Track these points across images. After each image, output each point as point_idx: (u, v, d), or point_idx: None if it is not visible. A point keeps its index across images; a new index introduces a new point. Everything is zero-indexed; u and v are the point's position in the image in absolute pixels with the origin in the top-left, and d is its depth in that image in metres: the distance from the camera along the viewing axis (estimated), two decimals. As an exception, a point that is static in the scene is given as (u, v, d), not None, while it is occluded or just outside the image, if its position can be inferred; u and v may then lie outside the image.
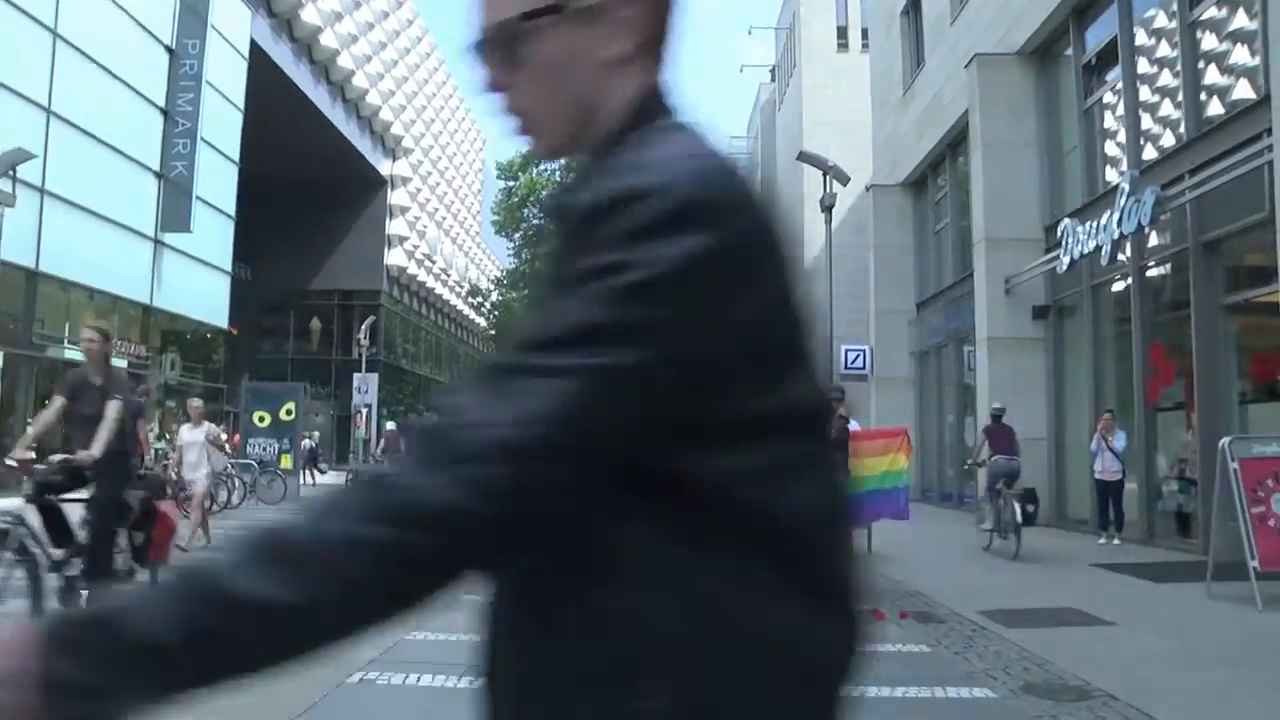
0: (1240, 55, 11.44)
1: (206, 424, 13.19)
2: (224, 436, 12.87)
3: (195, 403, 13.55)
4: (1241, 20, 11.40)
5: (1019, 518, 11.03)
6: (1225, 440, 8.45)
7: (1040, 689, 5.32)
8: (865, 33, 33.33)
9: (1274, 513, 7.92)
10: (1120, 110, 14.10)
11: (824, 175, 14.13)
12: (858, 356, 23.75)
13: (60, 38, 21.69)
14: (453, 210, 67.21)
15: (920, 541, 13.05)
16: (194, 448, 12.72)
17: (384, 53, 49.59)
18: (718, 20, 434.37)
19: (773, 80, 51.50)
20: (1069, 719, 4.73)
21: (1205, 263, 11.77)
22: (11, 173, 14.17)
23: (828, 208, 14.30)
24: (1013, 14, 16.63)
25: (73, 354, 23.49)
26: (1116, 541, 12.58)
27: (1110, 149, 14.80)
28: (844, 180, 14.19)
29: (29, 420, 21.22)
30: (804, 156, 14.89)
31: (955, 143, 19.93)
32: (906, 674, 5.65)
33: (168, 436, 23.59)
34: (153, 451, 18.22)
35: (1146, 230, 12.26)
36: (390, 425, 12.73)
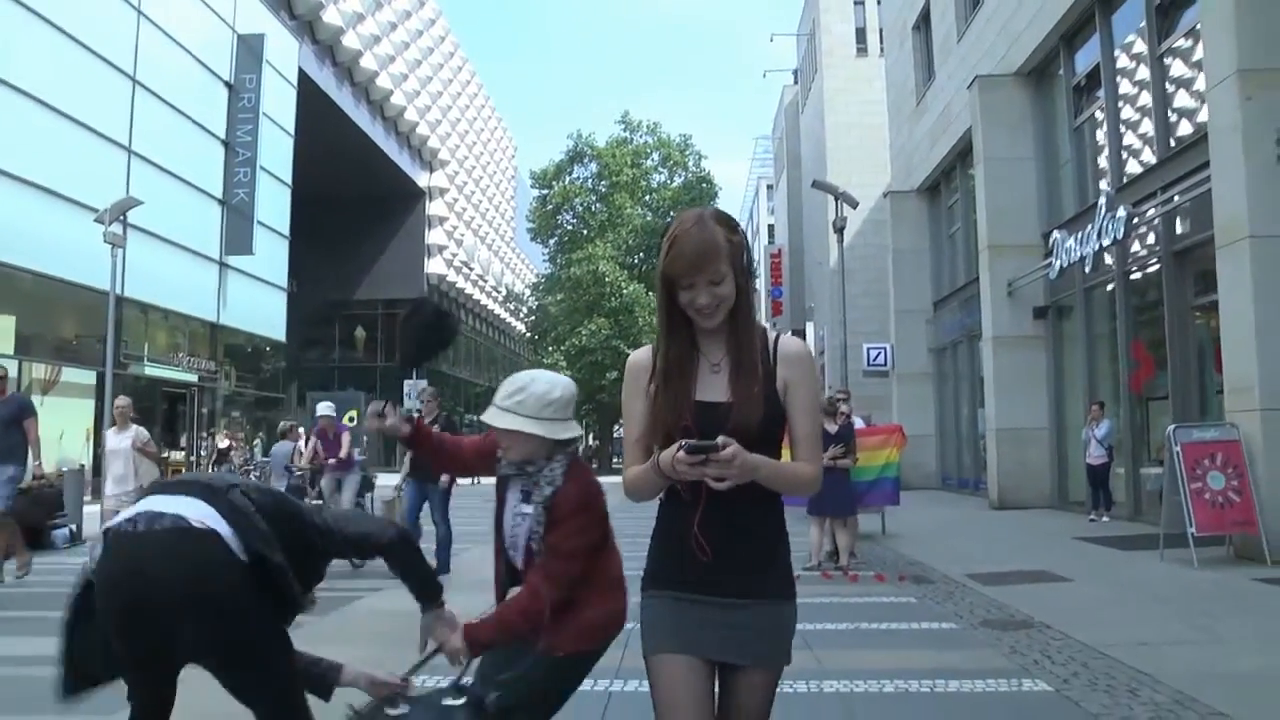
0: (1201, 84, 12.90)
1: (135, 428, 11.00)
2: (153, 442, 11.79)
3: (121, 401, 11.32)
4: (1200, 52, 12.87)
5: None
6: (1171, 427, 10.08)
7: (994, 623, 6.98)
8: (883, 35, 34.39)
9: (1210, 487, 9.50)
10: (1104, 129, 15.59)
11: (836, 199, 15.72)
12: (879, 354, 25.39)
13: (139, 84, 23.73)
14: (487, 218, 69.13)
15: (931, 522, 14.69)
16: (119, 457, 10.75)
17: (419, 70, 51.54)
18: (740, 28, 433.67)
19: (795, 83, 52.75)
20: (1010, 640, 6.37)
21: (1176, 269, 13.25)
22: (122, 218, 15.98)
23: (839, 230, 15.87)
24: (1011, 36, 18.08)
25: (153, 370, 25.60)
26: (1106, 519, 14.09)
27: (1099, 164, 16.26)
28: (854, 204, 15.80)
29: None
30: (817, 184, 16.48)
31: (964, 153, 21.29)
32: (890, 615, 7.38)
33: (231, 444, 25.47)
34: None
35: (1121, 243, 13.78)
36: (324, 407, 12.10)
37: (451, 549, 9.83)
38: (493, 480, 2.91)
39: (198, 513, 2.51)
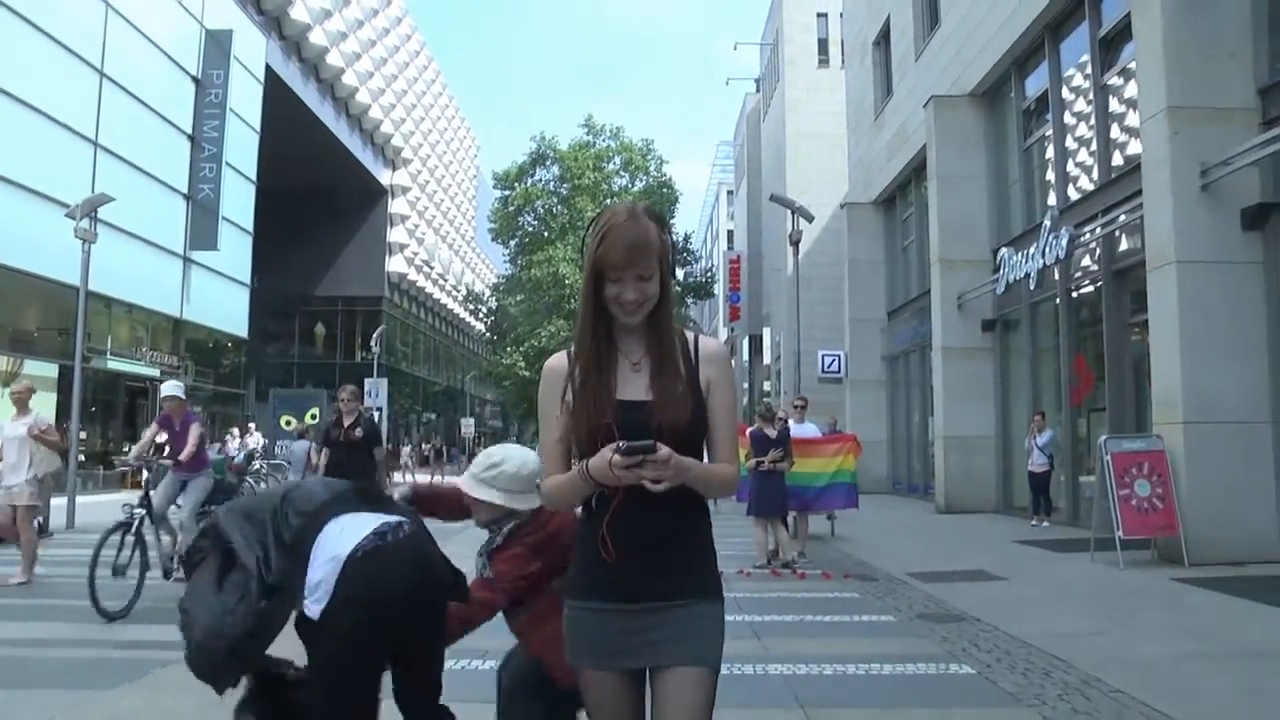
0: (1133, 119, 13.58)
1: (35, 412, 9.80)
2: (54, 428, 10.51)
3: (20, 386, 10.07)
4: (1133, 90, 13.59)
5: None
6: (1102, 438, 10.75)
7: (930, 616, 7.55)
8: (844, 49, 34.99)
9: (1136, 494, 10.16)
10: (1050, 153, 16.32)
11: (792, 213, 16.32)
12: (834, 361, 26.04)
13: (106, 77, 23.83)
14: (449, 217, 69.27)
15: (880, 525, 15.30)
16: (13, 444, 9.58)
17: (384, 67, 51.65)
18: (704, 35, 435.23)
19: (757, 90, 53.48)
20: (942, 631, 6.93)
21: (1115, 288, 13.97)
22: (93, 213, 16.17)
23: (795, 242, 16.48)
24: (966, 58, 18.77)
25: (115, 364, 25.65)
26: (1046, 524, 14.77)
27: (1046, 185, 16.98)
28: (809, 219, 16.42)
29: (81, 424, 23.37)
30: (775, 198, 17.07)
31: (919, 168, 21.90)
32: (834, 609, 7.95)
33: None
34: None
35: (1064, 261, 14.49)
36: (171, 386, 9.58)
37: None
38: None
39: (398, 517, 2.95)
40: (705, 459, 2.21)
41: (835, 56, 39.78)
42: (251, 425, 27.86)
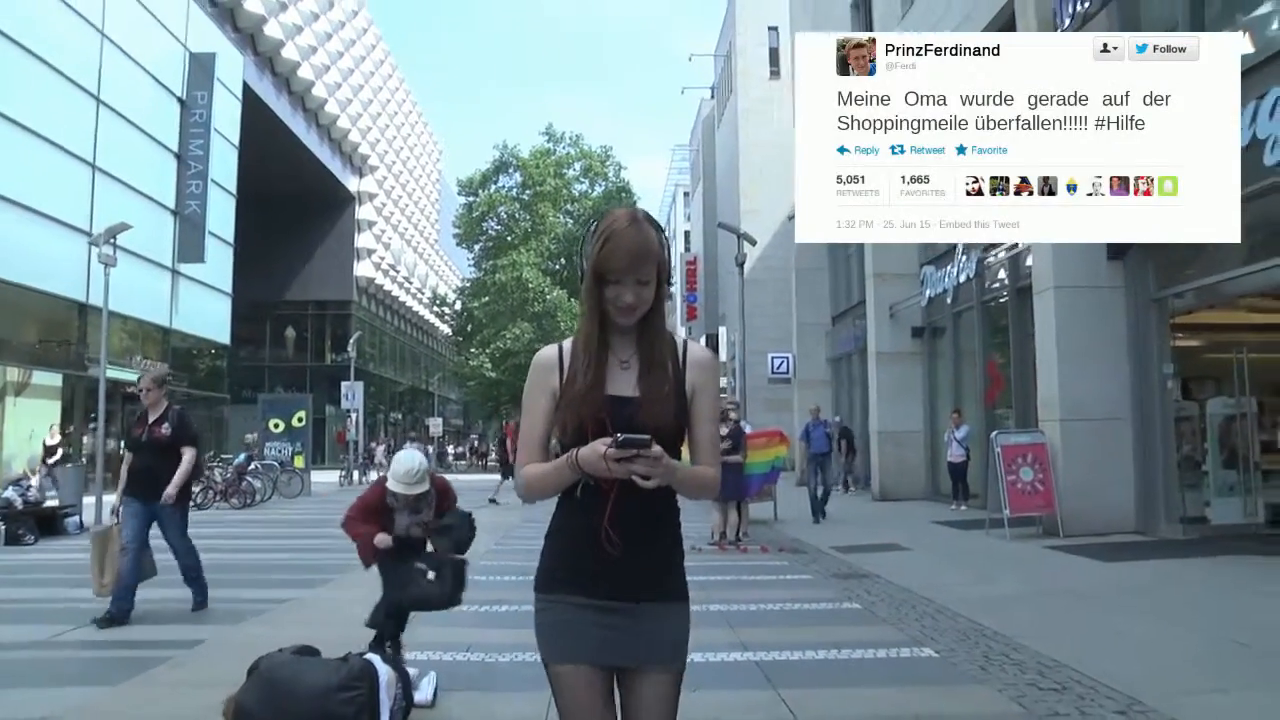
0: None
1: None
2: None
3: None
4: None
5: None
6: (994, 434, 12.95)
7: (840, 574, 9.67)
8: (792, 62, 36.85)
9: (1021, 479, 12.34)
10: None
11: (738, 238, 18.43)
12: (783, 362, 28.21)
13: (102, 103, 25.47)
14: (414, 221, 70.77)
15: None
16: None
17: (351, 78, 53.17)
18: (662, 40, 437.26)
19: (713, 98, 55.48)
20: (847, 586, 9.00)
21: (1018, 303, 16.11)
22: (112, 240, 17.79)
23: (740, 264, 18.59)
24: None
25: (113, 373, 27.16)
26: (964, 508, 16.92)
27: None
28: (752, 242, 18.49)
29: (84, 431, 24.99)
30: (723, 225, 19.15)
31: (858, 187, 24.08)
32: (765, 572, 10.07)
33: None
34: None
35: (975, 280, 16.68)
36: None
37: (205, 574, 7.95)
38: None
39: None
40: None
41: (787, 69, 41.60)
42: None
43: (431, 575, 5.15)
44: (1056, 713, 4.71)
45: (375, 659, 4.51)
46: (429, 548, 5.44)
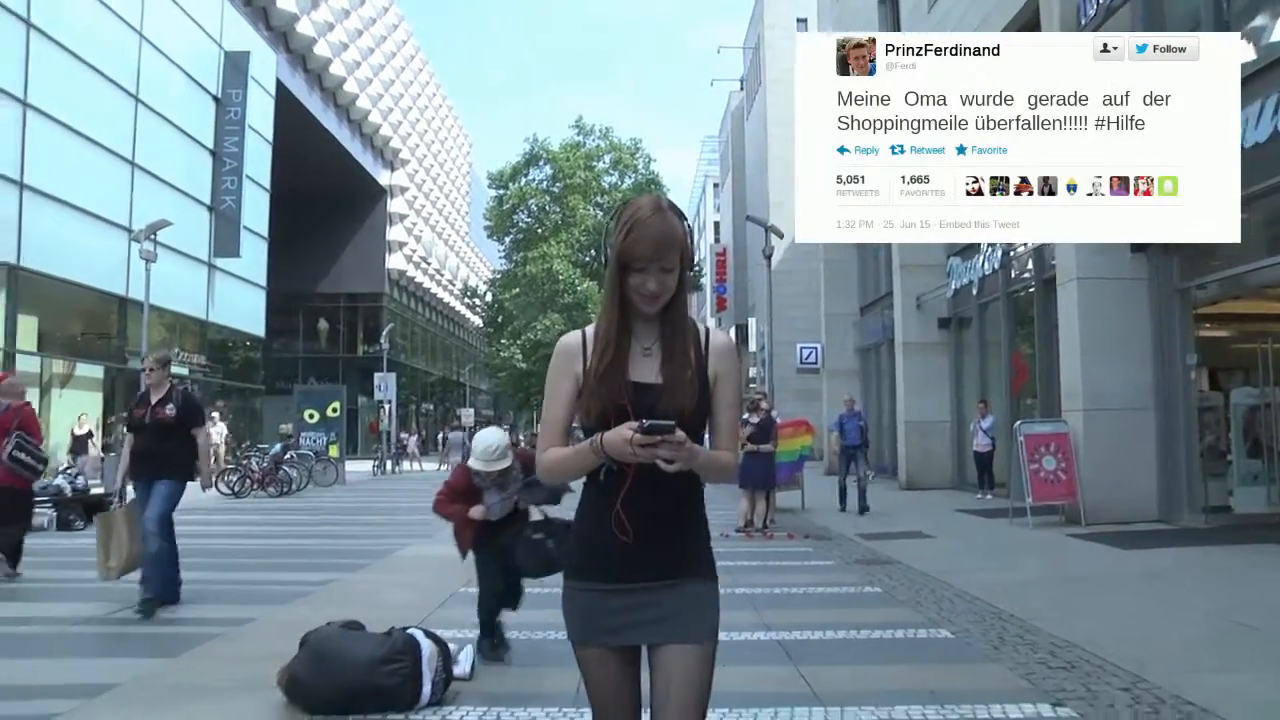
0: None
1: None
2: None
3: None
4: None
5: None
6: (1017, 423, 13.09)
7: (864, 561, 9.89)
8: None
9: (1044, 468, 12.49)
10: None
11: (766, 231, 18.61)
12: (811, 353, 28.38)
13: (141, 102, 26.01)
14: (445, 214, 71.35)
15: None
16: None
17: (383, 73, 53.69)
18: (690, 32, 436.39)
19: (741, 89, 55.47)
20: (870, 570, 9.23)
21: (1044, 294, 16.21)
22: (153, 236, 18.27)
23: (767, 256, 18.79)
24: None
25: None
26: (989, 496, 17.05)
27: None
28: (780, 235, 18.66)
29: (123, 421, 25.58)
30: (751, 219, 19.33)
31: (885, 179, 24.18)
32: (790, 558, 10.31)
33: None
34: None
35: (1000, 271, 16.79)
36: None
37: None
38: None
39: None
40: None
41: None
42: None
43: (551, 543, 5.28)
44: (1063, 689, 4.92)
45: (418, 633, 4.80)
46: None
